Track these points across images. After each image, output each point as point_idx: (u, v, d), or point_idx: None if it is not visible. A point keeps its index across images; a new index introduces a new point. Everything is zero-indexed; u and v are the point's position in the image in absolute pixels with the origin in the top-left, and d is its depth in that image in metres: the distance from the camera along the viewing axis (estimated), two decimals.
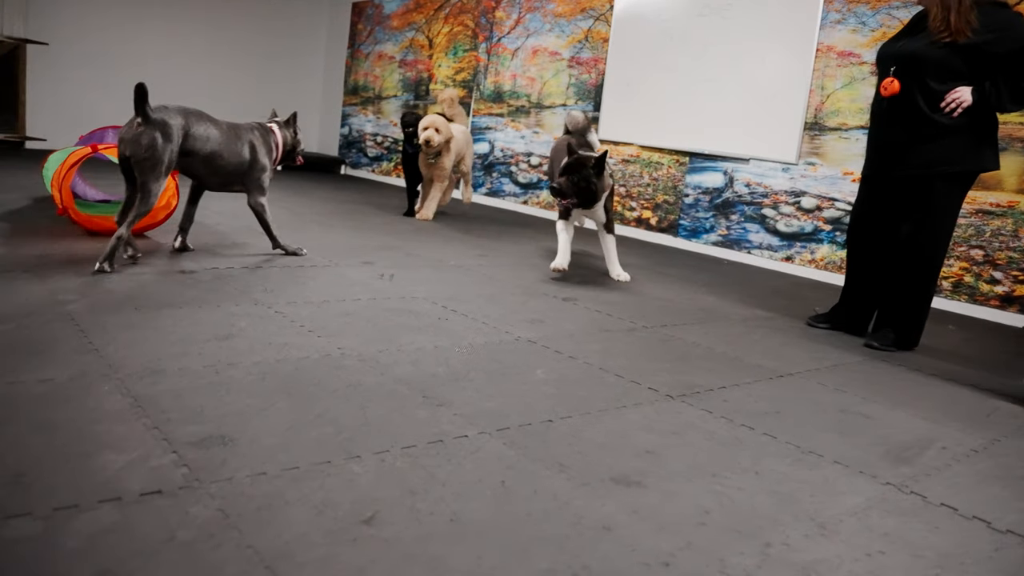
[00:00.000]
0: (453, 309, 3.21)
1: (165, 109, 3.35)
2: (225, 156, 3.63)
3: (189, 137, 3.44)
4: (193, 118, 3.48)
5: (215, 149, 3.57)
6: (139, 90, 3.20)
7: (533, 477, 1.74)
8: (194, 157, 3.51)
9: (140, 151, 3.25)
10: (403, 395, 2.15)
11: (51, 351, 2.22)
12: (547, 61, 7.52)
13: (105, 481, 1.50)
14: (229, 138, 3.65)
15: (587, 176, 4.05)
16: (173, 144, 3.34)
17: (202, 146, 3.51)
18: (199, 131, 3.49)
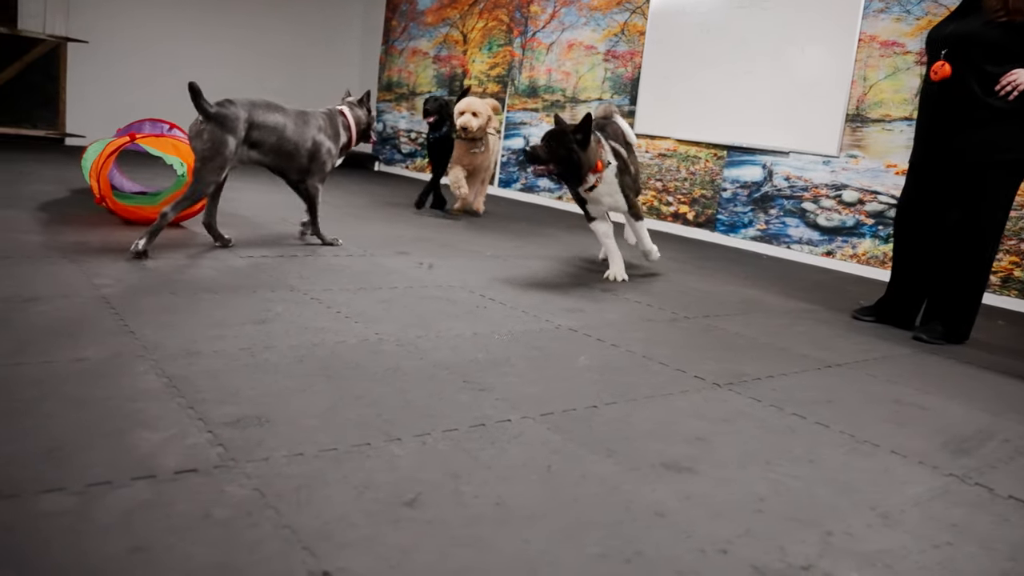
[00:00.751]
0: (491, 298, 3.15)
1: (229, 103, 3.40)
2: (294, 143, 3.65)
3: (255, 128, 3.47)
4: (259, 109, 3.51)
5: (283, 137, 3.60)
6: (192, 89, 3.25)
7: (580, 462, 1.68)
8: (263, 147, 3.55)
9: (201, 145, 3.33)
10: (443, 379, 2.09)
11: (86, 332, 2.19)
12: (582, 55, 7.45)
13: (139, 459, 1.46)
14: (297, 125, 3.67)
15: (568, 143, 3.66)
16: (235, 137, 3.38)
17: (268, 136, 3.54)
18: (266, 121, 3.52)
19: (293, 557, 1.20)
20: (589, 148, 3.72)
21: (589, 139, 3.72)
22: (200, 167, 3.35)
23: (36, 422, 1.58)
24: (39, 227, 3.63)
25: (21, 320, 2.24)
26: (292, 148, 3.65)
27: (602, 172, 3.83)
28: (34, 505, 1.27)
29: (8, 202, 4.22)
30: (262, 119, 3.51)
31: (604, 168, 3.84)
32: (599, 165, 3.80)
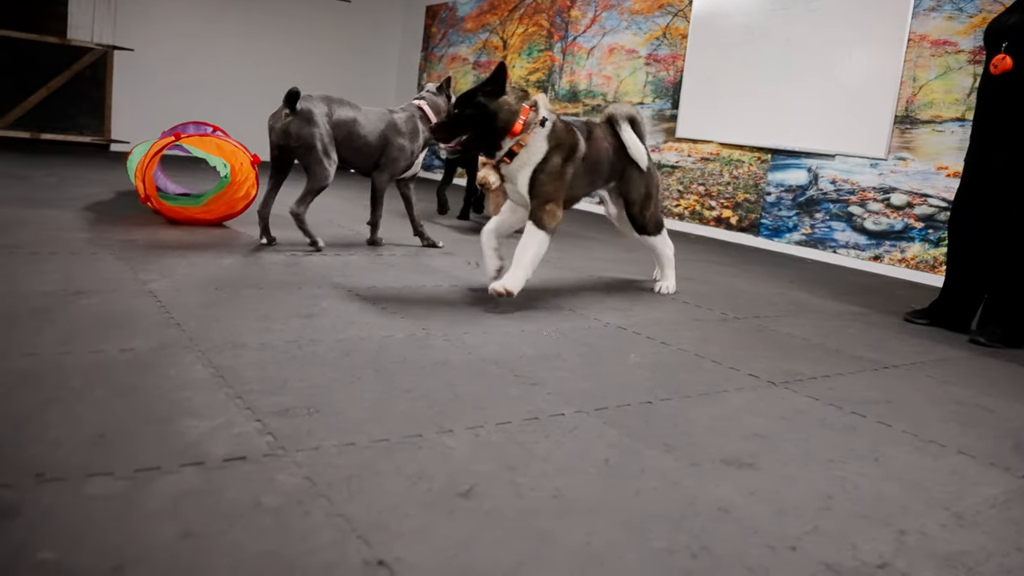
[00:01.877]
0: (537, 297, 3.10)
1: (309, 98, 3.54)
2: (366, 138, 3.72)
3: (333, 122, 3.60)
4: (335, 104, 3.64)
5: (353, 132, 3.67)
6: (291, 94, 3.43)
7: (638, 456, 1.62)
8: (336, 140, 3.64)
9: (291, 140, 3.47)
10: (493, 374, 2.05)
11: (133, 324, 2.17)
12: (623, 59, 7.39)
13: (187, 446, 1.43)
14: (368, 121, 3.74)
15: (473, 98, 2.88)
16: (321, 128, 3.52)
17: (340, 130, 3.63)
18: (341, 115, 3.64)
19: (348, 546, 1.16)
20: (502, 101, 2.87)
21: (502, 90, 2.88)
22: (307, 163, 3.53)
23: (85, 409, 1.56)
24: (86, 225, 3.64)
25: (70, 312, 2.23)
26: (362, 143, 3.71)
27: (524, 136, 2.91)
28: (82, 488, 1.24)
29: (57, 203, 4.26)
30: (338, 114, 3.62)
31: (527, 131, 2.91)
32: (517, 126, 2.88)
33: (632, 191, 3.39)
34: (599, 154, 3.21)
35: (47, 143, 8.15)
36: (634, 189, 3.39)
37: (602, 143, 3.24)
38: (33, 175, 5.47)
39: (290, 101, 3.44)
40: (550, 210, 2.96)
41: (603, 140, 3.25)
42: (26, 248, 3.01)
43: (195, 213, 4.09)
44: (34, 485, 1.23)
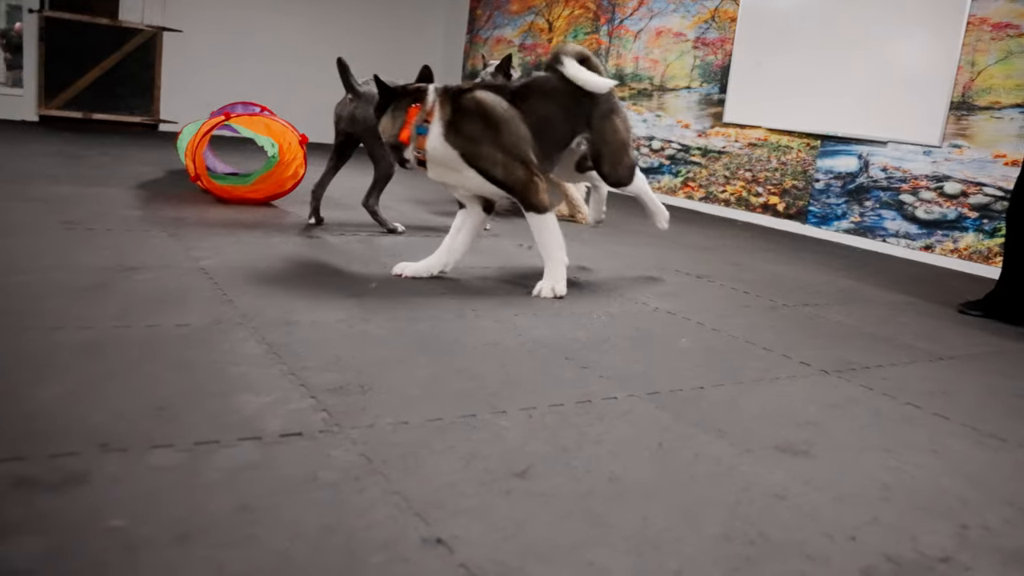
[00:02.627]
0: (585, 280, 3.09)
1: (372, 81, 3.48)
2: None
3: None
4: None
5: None
6: (340, 65, 3.41)
7: (692, 441, 1.61)
8: None
9: (358, 126, 3.46)
10: (544, 356, 2.04)
11: (187, 300, 2.20)
12: (671, 42, 7.31)
13: (244, 420, 1.45)
14: None
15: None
16: None
17: None
18: None
19: (405, 523, 1.16)
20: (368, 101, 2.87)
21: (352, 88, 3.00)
22: (372, 148, 3.52)
23: (143, 382, 1.58)
24: (138, 203, 3.70)
25: (126, 287, 2.26)
26: None
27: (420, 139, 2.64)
28: (144, 459, 1.26)
29: (109, 181, 4.32)
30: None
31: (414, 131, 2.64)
32: (404, 131, 2.63)
33: (599, 141, 2.95)
34: (543, 109, 2.79)
35: (98, 123, 8.27)
36: (601, 138, 2.94)
37: (544, 97, 2.81)
38: (86, 154, 5.56)
39: (345, 78, 3.43)
40: (526, 187, 2.68)
41: (547, 93, 2.83)
42: (83, 224, 3.06)
43: (244, 192, 4.13)
44: (100, 454, 1.26)
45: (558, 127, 2.86)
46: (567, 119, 2.88)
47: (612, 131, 2.98)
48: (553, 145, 2.87)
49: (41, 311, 1.97)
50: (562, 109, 2.86)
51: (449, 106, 2.64)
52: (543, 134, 2.78)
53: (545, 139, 2.80)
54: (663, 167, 7.27)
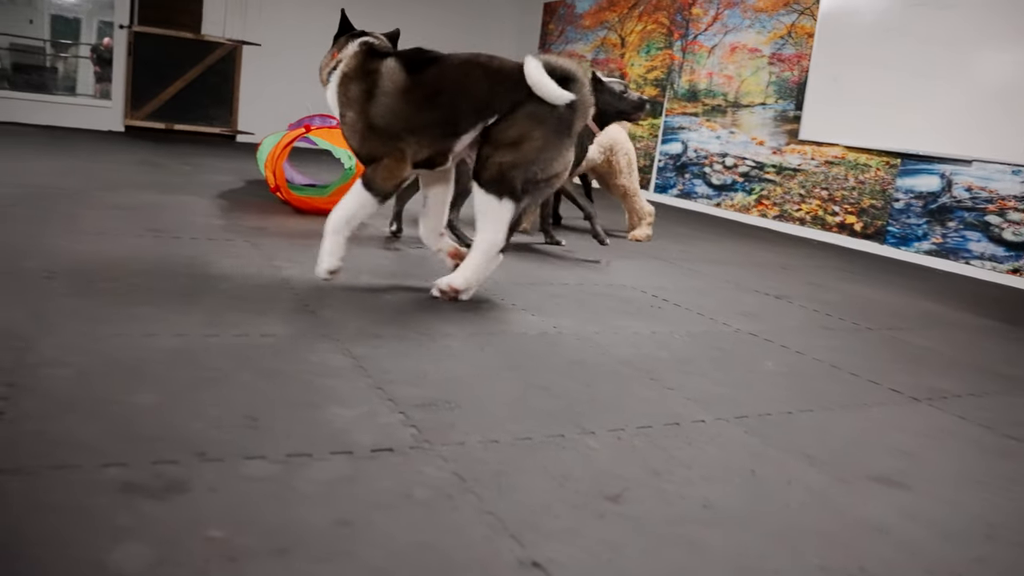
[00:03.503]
0: (664, 298, 3.05)
1: None
2: None
3: None
4: None
5: None
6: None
7: (784, 468, 1.57)
8: None
9: None
10: (628, 376, 2.02)
11: (271, 309, 2.23)
12: (746, 58, 7.23)
13: (334, 433, 1.45)
14: None
15: None
16: None
17: None
18: None
19: (500, 544, 1.15)
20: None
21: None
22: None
23: (234, 391, 1.60)
24: (220, 212, 3.77)
25: (212, 296, 2.31)
26: None
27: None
28: (239, 469, 1.27)
29: (191, 190, 4.42)
30: None
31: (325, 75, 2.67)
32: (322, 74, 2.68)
33: (501, 132, 2.46)
34: (444, 83, 2.49)
35: (179, 133, 8.50)
36: (504, 131, 2.46)
37: (461, 71, 2.52)
38: (169, 163, 5.70)
39: None
40: (375, 165, 2.49)
41: (468, 68, 2.53)
42: (169, 232, 3.13)
43: (322, 203, 4.18)
44: (198, 463, 1.27)
45: (461, 103, 2.49)
46: (476, 97, 2.49)
47: (521, 135, 2.44)
48: (449, 120, 2.50)
49: (134, 317, 2.01)
50: (478, 86, 2.50)
51: (355, 63, 2.54)
52: (436, 105, 2.49)
53: (441, 110, 2.49)
54: (736, 184, 7.18)
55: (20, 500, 1.12)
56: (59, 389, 1.52)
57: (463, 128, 2.51)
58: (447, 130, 2.51)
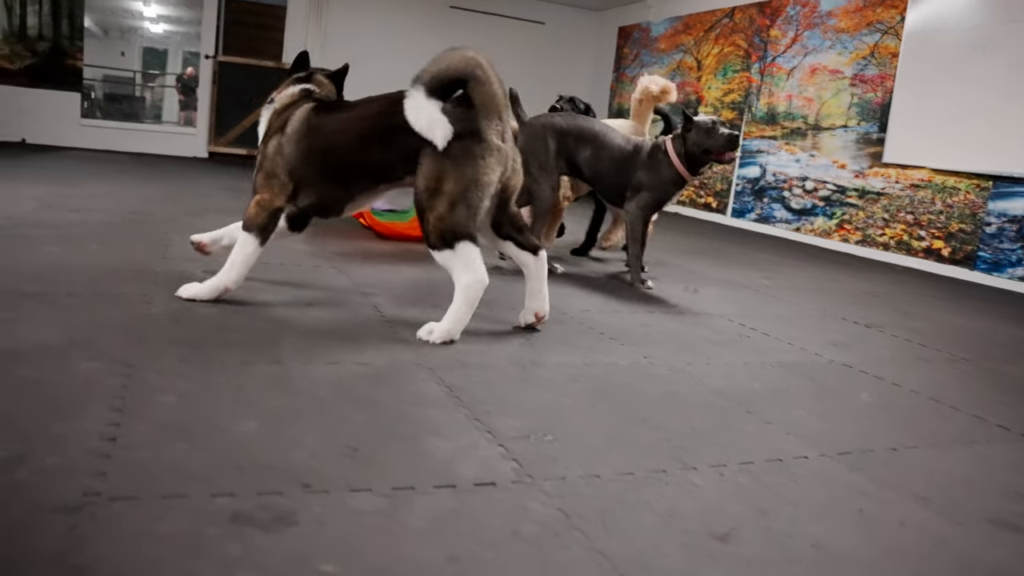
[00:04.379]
0: (752, 327, 2.99)
1: (546, 115, 3.67)
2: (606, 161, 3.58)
3: (568, 139, 3.61)
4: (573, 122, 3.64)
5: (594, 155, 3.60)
6: (511, 96, 3.54)
7: (894, 508, 1.51)
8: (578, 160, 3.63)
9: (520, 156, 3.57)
10: (724, 408, 1.97)
11: (364, 337, 2.25)
12: (826, 80, 7.10)
13: (436, 466, 1.45)
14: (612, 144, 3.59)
15: None
16: (545, 145, 3.59)
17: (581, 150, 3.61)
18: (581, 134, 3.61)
19: None
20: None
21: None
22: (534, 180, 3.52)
23: (333, 420, 1.61)
24: (304, 238, 3.83)
25: (305, 323, 2.34)
26: (604, 168, 3.56)
27: None
28: (346, 502, 1.28)
29: None
30: (576, 132, 3.58)
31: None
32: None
33: (418, 184, 2.33)
34: (348, 135, 2.44)
35: None
36: (420, 182, 2.33)
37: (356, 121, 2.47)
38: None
39: (515, 107, 3.55)
40: (256, 200, 2.50)
41: (363, 118, 2.47)
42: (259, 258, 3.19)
43: (403, 228, 4.23)
44: (303, 494, 1.28)
45: (354, 158, 2.44)
46: (384, 150, 2.39)
47: (437, 179, 2.29)
48: (343, 176, 2.48)
49: (230, 344, 2.05)
50: (384, 136, 2.39)
51: (284, 103, 2.60)
52: (333, 159, 2.45)
53: (339, 165, 2.46)
54: (817, 209, 7.04)
55: (134, 528, 1.14)
56: (165, 415, 1.55)
57: (356, 191, 2.52)
58: (337, 189, 2.51)
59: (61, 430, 1.43)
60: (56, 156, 7.37)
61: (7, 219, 3.58)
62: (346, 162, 2.44)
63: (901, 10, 6.44)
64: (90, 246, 3.18)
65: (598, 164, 3.55)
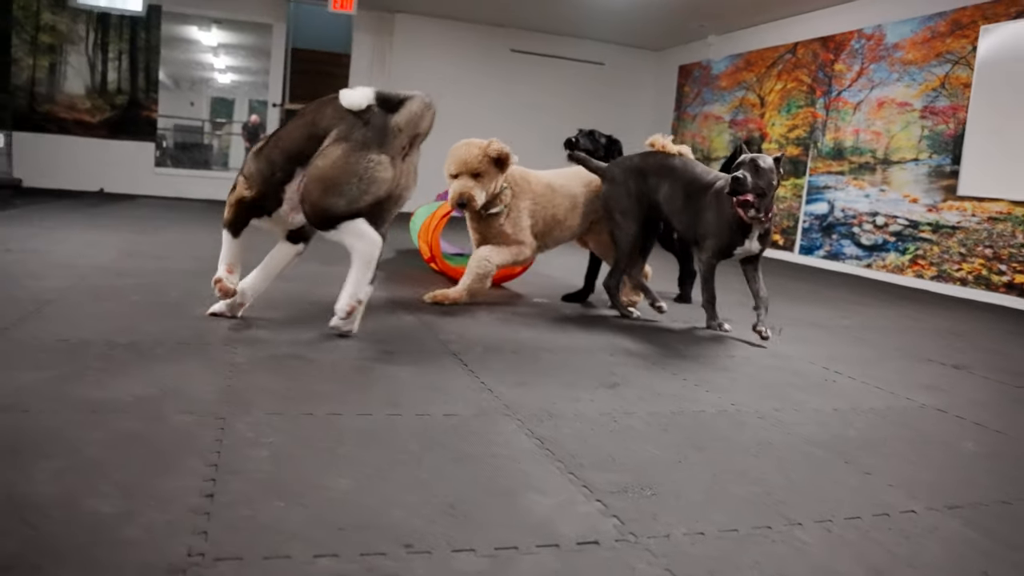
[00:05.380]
0: (836, 371, 2.91)
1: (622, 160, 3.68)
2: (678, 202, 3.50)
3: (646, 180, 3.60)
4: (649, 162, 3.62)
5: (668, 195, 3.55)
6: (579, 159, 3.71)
7: (1019, 570, 1.43)
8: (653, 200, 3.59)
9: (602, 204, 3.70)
10: (820, 458, 1.91)
11: (447, 387, 2.24)
12: (895, 113, 6.99)
13: (537, 524, 1.41)
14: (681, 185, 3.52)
15: None
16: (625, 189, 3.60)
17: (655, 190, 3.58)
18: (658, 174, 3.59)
19: None
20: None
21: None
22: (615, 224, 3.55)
23: (428, 475, 1.59)
24: (378, 283, 3.86)
25: (389, 373, 2.34)
26: (678, 206, 3.48)
27: None
28: (449, 563, 1.25)
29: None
30: (655, 170, 3.56)
31: None
32: None
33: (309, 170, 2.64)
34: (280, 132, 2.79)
35: None
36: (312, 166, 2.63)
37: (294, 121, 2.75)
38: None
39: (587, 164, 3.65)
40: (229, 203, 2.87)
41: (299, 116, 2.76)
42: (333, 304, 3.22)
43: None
44: (406, 555, 1.26)
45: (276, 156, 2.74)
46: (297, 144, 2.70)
47: (322, 157, 2.59)
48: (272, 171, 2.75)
49: (316, 395, 2.05)
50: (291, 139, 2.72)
51: None
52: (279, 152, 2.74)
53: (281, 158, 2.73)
54: (888, 244, 6.89)
55: None
56: (260, 470, 1.55)
57: (281, 176, 2.74)
58: (269, 175, 2.75)
59: (162, 486, 1.44)
60: (132, 204, 7.59)
61: (93, 268, 3.68)
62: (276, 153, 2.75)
63: (972, 40, 6.32)
64: (171, 294, 3.25)
65: (673, 201, 3.49)
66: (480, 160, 3.44)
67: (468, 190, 3.42)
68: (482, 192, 3.45)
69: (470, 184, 3.44)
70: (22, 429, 1.68)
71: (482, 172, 3.45)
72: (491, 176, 3.47)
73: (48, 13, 8.80)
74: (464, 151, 3.48)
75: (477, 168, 3.44)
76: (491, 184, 3.48)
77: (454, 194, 3.45)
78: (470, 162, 3.44)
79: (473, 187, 3.44)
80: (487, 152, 3.45)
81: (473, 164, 3.44)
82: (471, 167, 3.44)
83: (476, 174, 3.45)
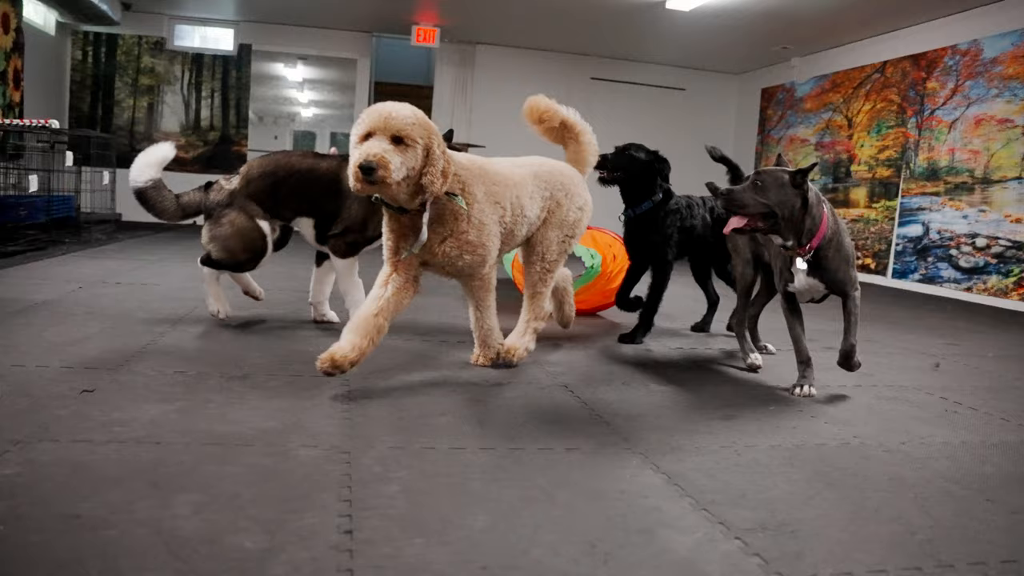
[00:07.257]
0: (955, 400, 2.81)
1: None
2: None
3: None
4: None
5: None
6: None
7: None
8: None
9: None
10: (961, 496, 1.83)
11: (564, 420, 2.23)
12: (994, 130, 6.77)
13: (681, 564, 1.39)
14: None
15: None
16: None
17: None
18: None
19: None
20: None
21: None
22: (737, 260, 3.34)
23: (560, 512, 1.58)
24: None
25: (501, 404, 2.34)
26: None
27: None
28: None
29: (444, 291, 4.60)
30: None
31: None
32: None
33: None
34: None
35: None
36: None
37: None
38: None
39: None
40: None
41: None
42: (435, 336, 3.24)
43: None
44: None
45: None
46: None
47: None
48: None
49: (438, 429, 2.06)
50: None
51: None
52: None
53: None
54: (990, 266, 6.65)
55: None
56: (394, 507, 1.56)
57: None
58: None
59: (299, 521, 1.46)
60: None
61: (198, 301, 3.79)
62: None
63: None
64: (273, 326, 3.32)
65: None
66: (412, 125, 2.42)
67: (382, 154, 2.33)
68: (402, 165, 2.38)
69: (387, 147, 2.36)
70: (159, 462, 1.72)
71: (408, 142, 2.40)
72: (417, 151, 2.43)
73: (148, 56, 9.18)
74: (390, 107, 2.44)
75: (403, 132, 2.39)
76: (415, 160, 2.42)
77: (360, 156, 2.34)
78: (394, 122, 2.39)
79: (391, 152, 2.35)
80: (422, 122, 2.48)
81: (398, 125, 2.39)
82: (394, 129, 2.38)
83: (399, 139, 2.39)
